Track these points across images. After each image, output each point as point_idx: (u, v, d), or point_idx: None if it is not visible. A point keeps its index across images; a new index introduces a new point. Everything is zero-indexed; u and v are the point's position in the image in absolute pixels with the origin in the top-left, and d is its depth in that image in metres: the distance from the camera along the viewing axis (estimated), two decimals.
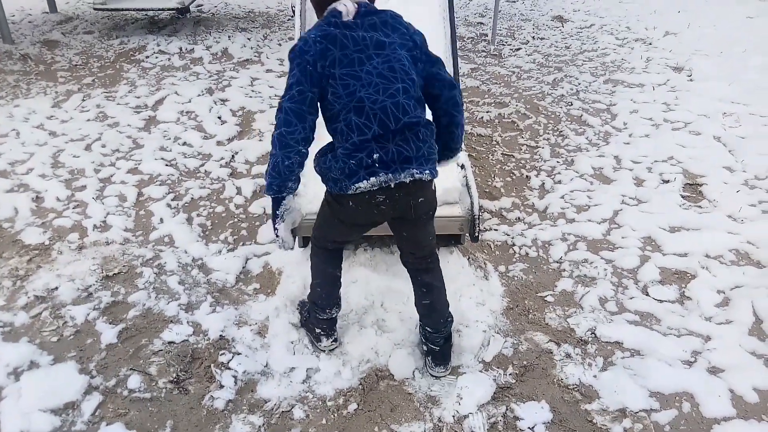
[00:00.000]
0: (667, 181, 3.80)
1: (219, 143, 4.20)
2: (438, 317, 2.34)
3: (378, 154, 1.97)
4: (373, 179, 1.98)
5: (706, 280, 2.92)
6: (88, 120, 4.48)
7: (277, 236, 2.20)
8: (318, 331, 2.47)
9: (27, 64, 5.55)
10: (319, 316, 2.43)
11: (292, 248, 2.27)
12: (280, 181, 2.06)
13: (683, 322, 2.67)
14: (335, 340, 2.49)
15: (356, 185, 1.99)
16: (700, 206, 3.55)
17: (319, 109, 2.07)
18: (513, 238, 3.26)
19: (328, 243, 2.38)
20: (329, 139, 2.14)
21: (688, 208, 3.52)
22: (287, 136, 1.99)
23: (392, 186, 2.01)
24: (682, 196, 3.65)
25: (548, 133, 4.46)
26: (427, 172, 2.07)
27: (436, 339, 2.34)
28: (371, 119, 1.97)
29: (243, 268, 3.01)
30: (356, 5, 2.05)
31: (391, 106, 1.98)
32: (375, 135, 1.97)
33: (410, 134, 2.02)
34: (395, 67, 2.03)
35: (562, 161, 4.07)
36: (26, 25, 6.77)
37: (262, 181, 3.73)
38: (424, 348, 2.41)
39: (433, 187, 2.20)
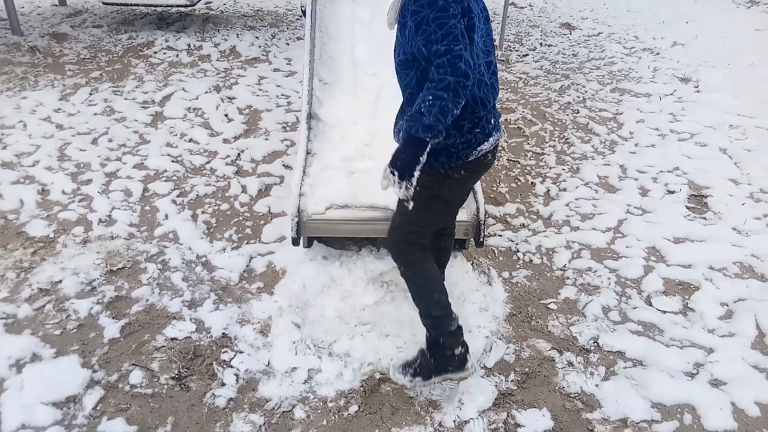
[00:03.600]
0: (673, 192, 3.79)
1: (225, 141, 4.21)
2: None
3: (493, 119, 2.13)
4: (491, 139, 2.12)
5: (710, 292, 2.92)
6: (95, 114, 4.49)
7: (411, 185, 1.86)
8: (457, 351, 2.19)
9: (35, 57, 5.56)
10: (451, 328, 2.18)
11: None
12: (443, 126, 1.83)
13: (686, 333, 2.67)
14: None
15: (479, 148, 2.09)
16: (704, 218, 3.55)
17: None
18: (517, 244, 3.26)
19: (423, 239, 2.25)
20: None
21: (692, 220, 3.52)
22: (463, 88, 1.83)
23: (497, 145, 2.19)
24: (687, 207, 3.64)
25: (554, 140, 4.46)
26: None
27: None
28: (488, 92, 2.07)
29: (247, 266, 3.01)
30: None
31: (495, 82, 2.12)
32: (490, 106, 2.11)
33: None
34: (488, 42, 2.11)
35: (568, 169, 4.07)
36: (35, 17, 6.78)
37: (268, 180, 3.73)
38: None
39: None
